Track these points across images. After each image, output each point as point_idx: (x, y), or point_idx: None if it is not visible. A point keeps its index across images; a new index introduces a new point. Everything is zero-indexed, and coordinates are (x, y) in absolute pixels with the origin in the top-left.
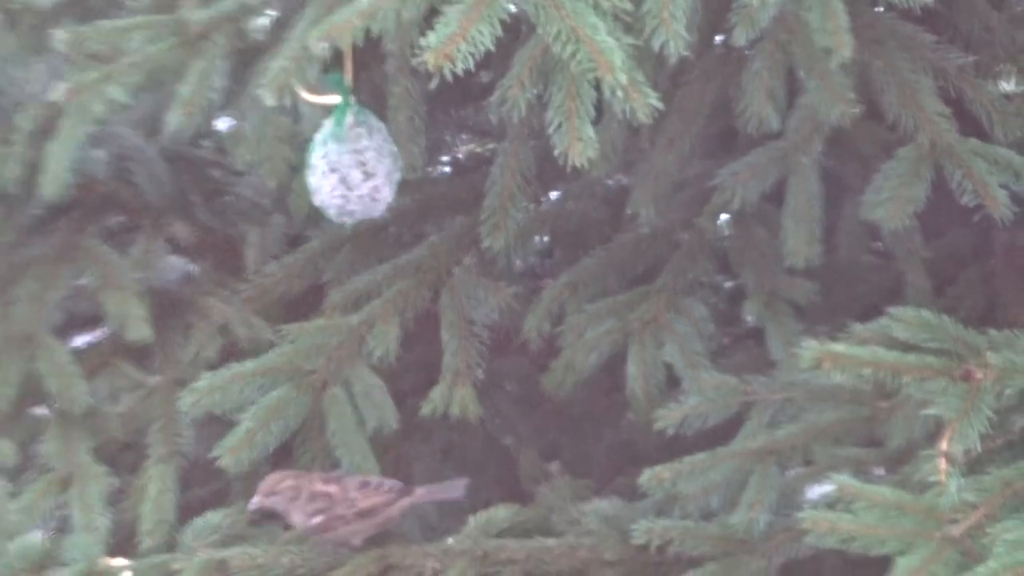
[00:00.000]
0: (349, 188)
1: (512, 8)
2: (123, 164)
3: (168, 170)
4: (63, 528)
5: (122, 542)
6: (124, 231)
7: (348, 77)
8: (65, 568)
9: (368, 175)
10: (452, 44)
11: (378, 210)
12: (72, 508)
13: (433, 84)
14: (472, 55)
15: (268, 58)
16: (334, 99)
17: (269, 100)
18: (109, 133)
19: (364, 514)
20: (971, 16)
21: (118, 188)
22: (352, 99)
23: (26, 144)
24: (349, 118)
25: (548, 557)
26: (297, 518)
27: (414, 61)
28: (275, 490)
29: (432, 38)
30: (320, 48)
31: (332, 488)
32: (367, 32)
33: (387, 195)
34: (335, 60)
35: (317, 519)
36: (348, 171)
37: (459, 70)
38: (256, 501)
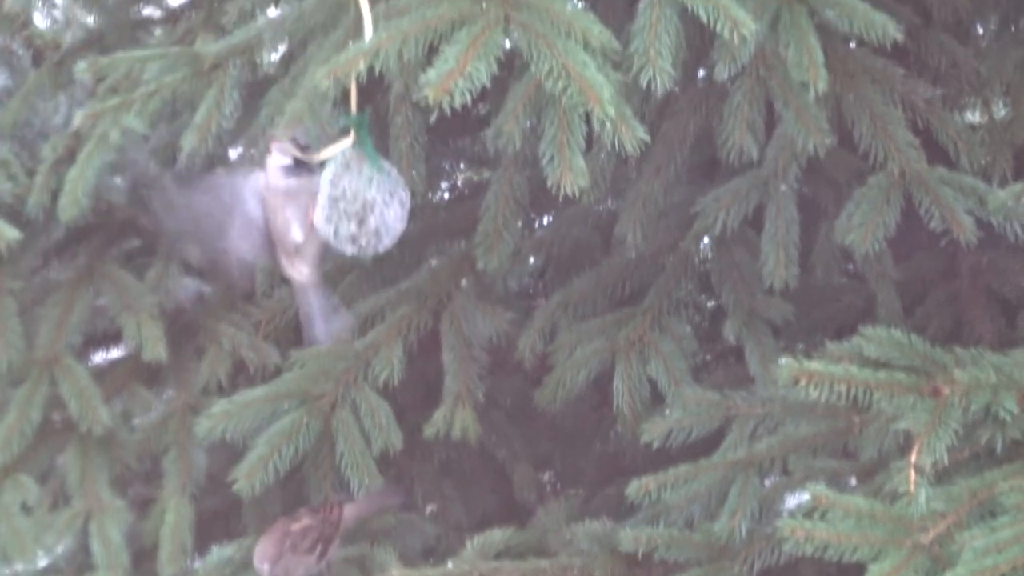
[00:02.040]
0: (360, 222)
1: (507, 45)
2: (140, 191)
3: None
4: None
5: (139, 567)
6: (141, 254)
7: (354, 111)
8: None
9: (377, 209)
10: (450, 80)
11: (385, 244)
12: (93, 544)
13: (433, 117)
14: (469, 90)
15: (276, 89)
16: (342, 144)
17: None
18: (127, 160)
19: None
20: (939, 51)
21: (136, 214)
22: (369, 139)
23: (49, 173)
24: (356, 154)
25: None
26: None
27: (415, 96)
28: (272, 555)
29: (432, 75)
30: (326, 84)
31: (305, 520)
32: (371, 69)
33: (395, 230)
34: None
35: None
36: (359, 206)
37: (457, 104)
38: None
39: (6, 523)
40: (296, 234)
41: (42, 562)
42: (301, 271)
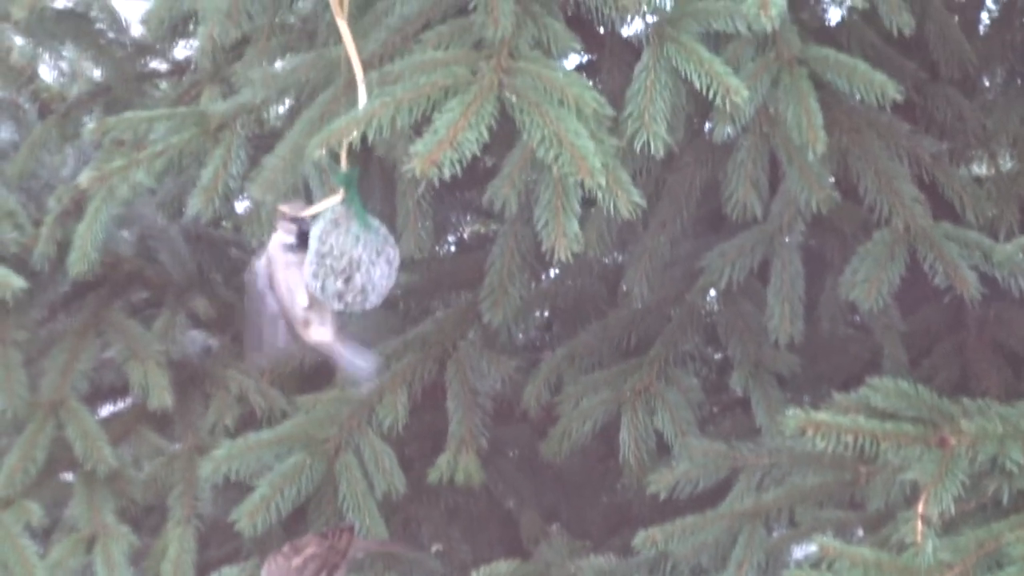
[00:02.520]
0: (346, 280)
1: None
2: (147, 243)
3: (189, 249)
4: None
5: None
6: (148, 306)
7: (343, 169)
8: None
9: (364, 268)
10: (439, 152)
11: (371, 302)
12: (96, 566)
13: (420, 190)
14: (459, 161)
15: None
16: (332, 200)
17: (257, 195)
18: (134, 214)
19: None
20: (945, 105)
21: (143, 266)
22: (356, 197)
23: (55, 224)
24: (345, 211)
25: None
26: None
27: (403, 168)
28: None
29: (420, 146)
30: (318, 155)
31: (312, 548)
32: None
33: (382, 288)
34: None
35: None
36: (345, 263)
37: (446, 176)
38: None
39: (10, 544)
40: (301, 299)
41: None
42: (321, 333)
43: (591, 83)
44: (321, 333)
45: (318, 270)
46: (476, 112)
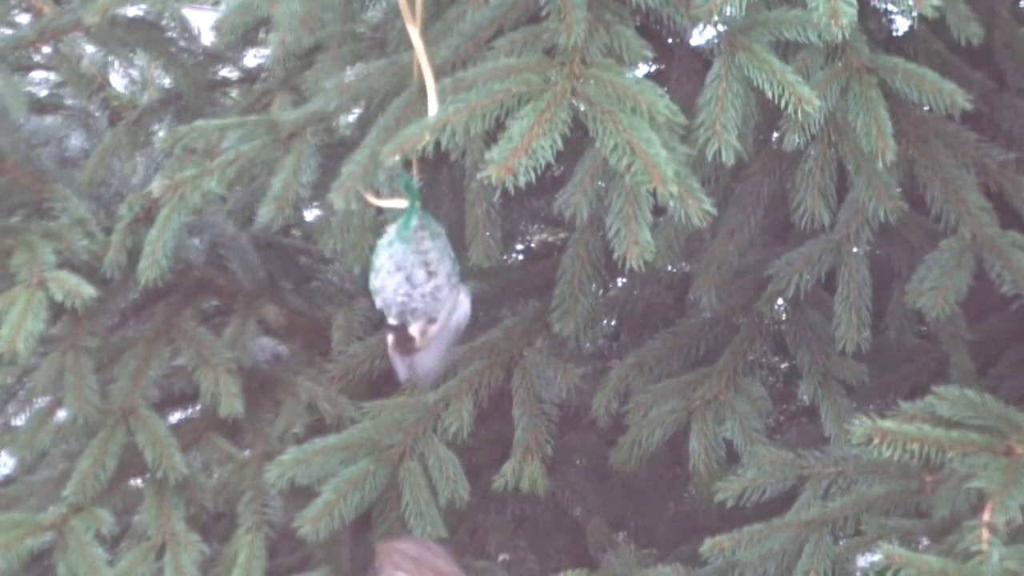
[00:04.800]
0: (413, 287)
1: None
2: (217, 251)
3: (259, 257)
4: None
5: None
6: (218, 314)
7: (415, 182)
8: None
9: (431, 275)
10: (514, 159)
11: (438, 309)
12: (166, 574)
13: (495, 197)
14: (534, 168)
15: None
16: (401, 202)
17: (338, 204)
18: (204, 222)
19: None
20: (1012, 115)
21: (213, 274)
22: (417, 203)
23: (126, 232)
24: (414, 221)
25: None
26: None
27: (478, 175)
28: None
29: (495, 153)
30: (391, 161)
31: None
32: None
33: (447, 294)
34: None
35: None
36: (412, 270)
37: (521, 183)
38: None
39: (80, 552)
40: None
41: None
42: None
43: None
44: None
45: (399, 285)
46: (550, 119)
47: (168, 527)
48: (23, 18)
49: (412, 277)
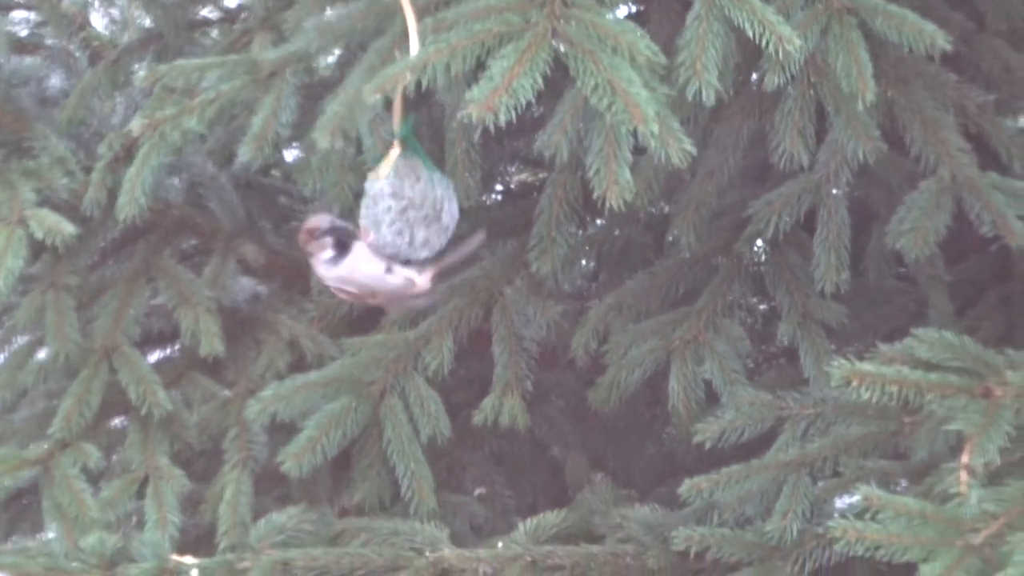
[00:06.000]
0: (431, 223)
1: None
2: (197, 191)
3: (239, 197)
4: (139, 527)
5: (197, 544)
6: (197, 253)
7: (397, 125)
8: (135, 565)
9: (446, 205)
10: (495, 98)
11: (433, 248)
12: (147, 506)
13: (476, 136)
14: (515, 107)
15: (332, 97)
16: (393, 155)
17: (322, 143)
18: (184, 161)
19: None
20: (991, 56)
21: (192, 213)
22: (411, 142)
23: (106, 171)
24: (406, 162)
25: (594, 563)
26: None
27: (459, 114)
28: None
29: (476, 92)
30: (373, 99)
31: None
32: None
33: (442, 236)
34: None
35: None
36: (429, 207)
37: (502, 122)
38: None
39: (65, 486)
40: (393, 278)
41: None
42: (423, 282)
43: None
44: (423, 283)
45: (403, 227)
46: (531, 59)
47: (152, 461)
48: None
49: (408, 220)
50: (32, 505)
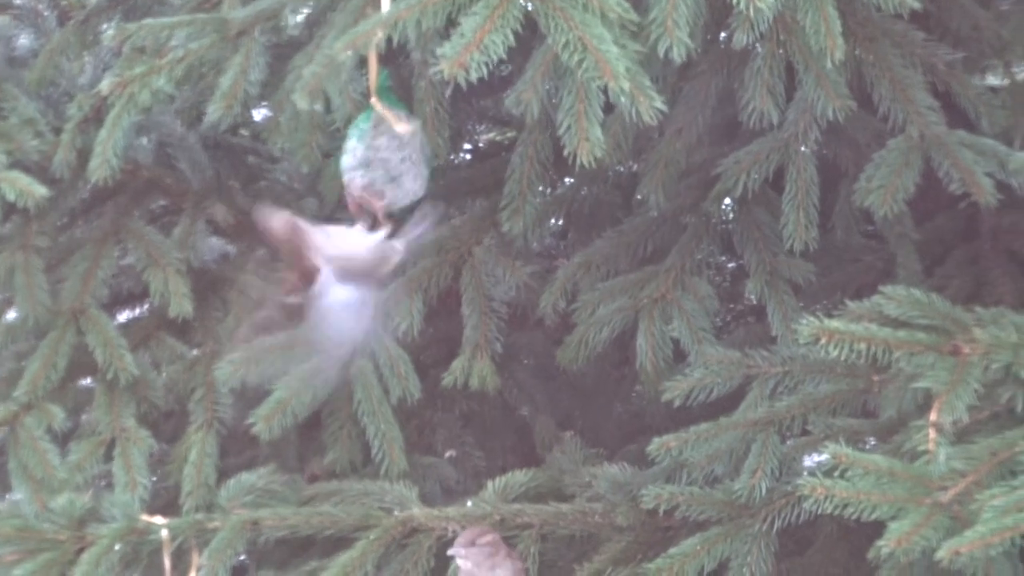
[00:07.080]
0: (394, 179)
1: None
2: (166, 151)
3: (208, 157)
4: (108, 489)
5: (164, 505)
6: (167, 214)
7: (372, 81)
8: (105, 525)
9: (397, 170)
10: (466, 54)
11: (411, 197)
12: (115, 468)
13: (448, 91)
14: (486, 64)
15: (302, 56)
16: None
17: (301, 104)
18: (153, 121)
19: None
20: (960, 14)
21: (161, 173)
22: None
23: (75, 132)
24: (377, 117)
25: (562, 522)
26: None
27: (431, 71)
28: (475, 543)
29: (447, 48)
30: (345, 56)
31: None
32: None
33: (417, 187)
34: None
35: None
36: (381, 165)
37: (473, 78)
38: (456, 551)
39: (31, 447)
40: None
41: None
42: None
43: None
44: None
45: (367, 172)
46: (502, 15)
47: (118, 423)
48: None
49: (385, 170)
50: (1, 466)
